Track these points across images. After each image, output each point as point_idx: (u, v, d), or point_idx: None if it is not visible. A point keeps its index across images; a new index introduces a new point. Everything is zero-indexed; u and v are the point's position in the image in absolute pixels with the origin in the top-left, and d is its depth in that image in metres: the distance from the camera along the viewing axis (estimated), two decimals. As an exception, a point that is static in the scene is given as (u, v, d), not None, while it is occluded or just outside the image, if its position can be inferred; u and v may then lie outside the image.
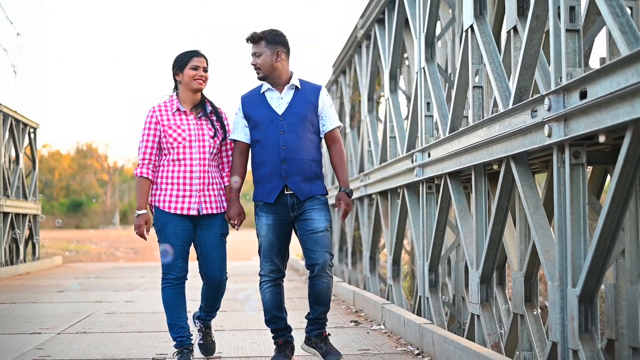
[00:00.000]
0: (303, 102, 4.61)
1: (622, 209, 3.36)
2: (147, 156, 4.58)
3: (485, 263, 5.07)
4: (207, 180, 4.58)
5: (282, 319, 4.65)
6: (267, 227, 4.57)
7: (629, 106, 3.10)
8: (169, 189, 4.54)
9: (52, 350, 5.26)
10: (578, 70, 3.74)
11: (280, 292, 4.65)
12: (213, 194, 4.61)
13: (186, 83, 4.62)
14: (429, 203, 6.52)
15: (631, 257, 3.82)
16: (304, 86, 4.68)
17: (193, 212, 4.53)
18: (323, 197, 4.62)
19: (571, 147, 3.72)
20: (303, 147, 4.53)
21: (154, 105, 4.66)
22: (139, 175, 4.57)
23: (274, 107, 4.59)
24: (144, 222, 4.51)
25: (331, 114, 4.68)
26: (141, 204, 4.54)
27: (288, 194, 4.53)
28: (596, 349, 3.61)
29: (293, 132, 4.53)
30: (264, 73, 4.61)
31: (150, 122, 4.60)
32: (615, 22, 3.36)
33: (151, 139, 4.58)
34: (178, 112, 4.63)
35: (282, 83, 4.64)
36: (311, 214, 4.53)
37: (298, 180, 4.51)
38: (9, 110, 13.81)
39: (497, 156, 4.69)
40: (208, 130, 4.64)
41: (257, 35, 4.60)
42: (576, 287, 3.65)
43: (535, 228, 4.23)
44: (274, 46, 4.59)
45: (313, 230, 4.51)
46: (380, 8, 8.40)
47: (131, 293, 9.71)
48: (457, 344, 4.30)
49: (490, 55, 5.03)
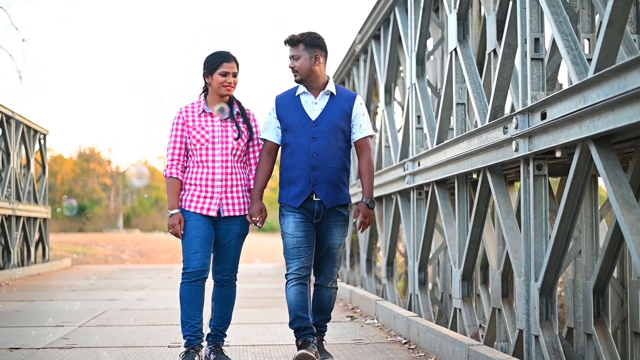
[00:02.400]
0: (337, 109, 4.58)
1: (574, 214, 3.94)
2: (176, 157, 4.61)
3: (467, 262, 5.65)
4: (229, 182, 4.58)
5: (305, 319, 4.58)
6: (294, 224, 4.55)
7: (577, 127, 3.69)
8: (192, 189, 4.57)
9: (77, 340, 5.83)
10: (541, 94, 4.33)
11: (306, 292, 4.59)
12: (237, 196, 4.61)
13: (215, 88, 4.62)
14: (419, 208, 7.11)
15: (586, 256, 4.40)
16: (339, 93, 4.64)
17: (212, 213, 4.55)
18: (346, 212, 4.67)
19: (534, 160, 4.31)
20: (334, 155, 4.53)
21: (181, 107, 4.70)
22: (168, 176, 4.60)
23: (307, 112, 4.57)
24: (177, 221, 4.53)
25: (363, 123, 4.63)
26: (173, 204, 4.57)
27: (316, 201, 4.54)
28: (554, 335, 4.19)
29: (324, 139, 4.52)
30: (301, 76, 4.57)
31: (177, 123, 4.63)
32: (569, 54, 3.95)
33: (178, 139, 4.61)
34: (204, 114, 4.63)
35: (318, 87, 4.61)
36: (332, 229, 4.59)
37: (326, 188, 4.52)
38: (21, 117, 14.39)
39: (475, 167, 5.27)
40: (232, 132, 4.61)
41: (296, 38, 4.57)
42: (538, 281, 4.23)
43: (507, 231, 4.82)
44: (313, 49, 4.56)
45: (330, 246, 4.62)
46: (377, 25, 8.99)
47: (141, 292, 10.29)
48: (438, 333, 4.88)
49: (471, 76, 5.63)
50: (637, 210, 3.34)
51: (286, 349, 5.36)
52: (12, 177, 13.70)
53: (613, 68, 3.27)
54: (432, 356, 4.95)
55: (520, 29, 4.48)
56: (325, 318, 4.80)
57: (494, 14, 5.49)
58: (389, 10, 8.22)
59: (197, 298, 4.57)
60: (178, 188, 4.59)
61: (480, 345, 4.26)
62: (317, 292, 4.74)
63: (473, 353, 4.18)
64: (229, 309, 4.72)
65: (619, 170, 3.50)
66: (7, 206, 13.20)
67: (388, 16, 8.45)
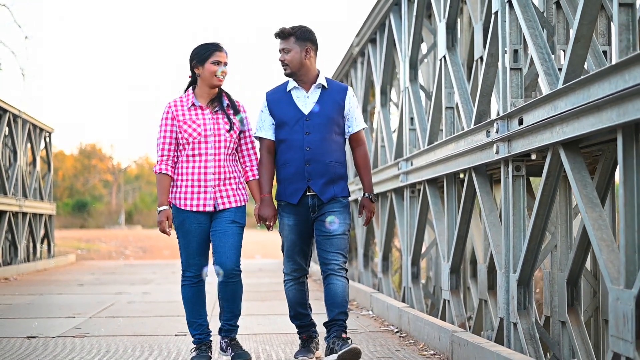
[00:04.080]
0: (329, 102, 4.56)
1: (548, 212, 4.32)
2: (166, 152, 4.54)
3: (454, 256, 6.03)
4: (222, 175, 4.53)
5: (306, 315, 4.69)
6: (289, 227, 4.60)
7: (549, 133, 4.07)
8: (184, 185, 4.51)
9: (89, 329, 6.22)
10: (520, 101, 4.70)
11: (304, 290, 4.69)
12: (231, 188, 4.56)
13: (205, 78, 4.54)
14: (412, 205, 7.48)
15: (561, 250, 4.78)
16: (330, 85, 4.62)
17: (209, 208, 4.52)
18: (344, 200, 4.62)
19: (513, 162, 4.68)
20: (327, 149, 4.51)
21: (169, 101, 4.62)
22: (158, 172, 4.54)
23: (300, 107, 4.55)
24: (165, 218, 4.49)
25: (357, 115, 4.64)
26: (162, 201, 4.51)
27: (310, 195, 4.54)
28: (531, 322, 4.57)
29: (318, 132, 4.50)
30: (291, 69, 4.55)
31: (166, 118, 4.56)
32: (542, 66, 4.32)
33: (168, 135, 4.55)
34: (194, 107, 4.56)
35: (309, 81, 4.59)
36: (330, 216, 4.55)
37: (321, 182, 4.52)
38: (27, 116, 14.77)
39: (462, 167, 5.64)
40: (224, 124, 4.55)
41: (287, 31, 4.55)
42: (516, 273, 4.60)
43: (489, 227, 5.20)
44: (304, 42, 4.55)
45: (330, 232, 4.54)
46: (373, 29, 9.34)
47: (147, 286, 10.68)
48: (426, 321, 5.26)
49: (459, 82, 6.00)
50: (600, 208, 3.71)
51: (285, 337, 5.74)
52: (19, 174, 14.08)
53: (578, 80, 3.64)
54: (420, 343, 5.33)
55: (501, 40, 4.85)
56: (342, 312, 4.53)
57: (480, 23, 5.86)
58: (385, 15, 8.59)
59: (200, 298, 4.60)
60: (168, 184, 4.53)
61: (462, 332, 4.64)
62: (328, 286, 4.55)
63: (456, 339, 4.56)
64: (237, 303, 4.61)
65: (584, 172, 3.87)
66: (15, 203, 13.59)
67: (383, 21, 8.81)
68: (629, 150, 3.31)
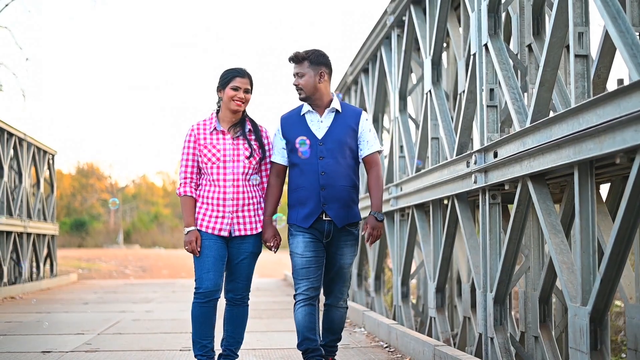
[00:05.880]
0: (343, 126, 4.54)
1: (520, 236, 4.79)
2: (188, 175, 4.63)
3: (440, 276, 6.48)
4: (241, 201, 4.57)
5: (313, 340, 4.55)
6: (304, 244, 4.52)
7: (519, 166, 4.54)
8: (203, 207, 4.59)
9: (99, 345, 6.65)
10: (495, 136, 5.17)
11: (314, 313, 4.56)
12: (248, 215, 4.60)
13: (225, 102, 4.61)
14: (402, 228, 7.95)
15: (534, 270, 5.24)
16: (344, 109, 4.61)
17: (224, 233, 4.56)
18: (356, 231, 4.64)
19: (490, 191, 5.16)
20: (342, 173, 4.49)
21: (192, 124, 4.69)
22: (182, 194, 4.62)
23: (313, 131, 4.54)
24: (194, 238, 4.54)
25: (370, 139, 4.59)
26: (189, 222, 4.58)
27: (326, 221, 4.51)
28: (506, 337, 5.02)
29: (332, 157, 4.48)
30: (306, 94, 4.54)
31: (188, 140, 4.63)
32: (514, 105, 4.81)
33: (190, 157, 4.62)
34: (215, 132, 4.62)
35: (323, 105, 4.58)
36: (342, 249, 4.58)
37: (337, 207, 4.49)
38: (32, 139, 15.25)
39: (446, 194, 6.11)
40: (244, 150, 4.59)
41: (301, 55, 4.54)
42: (492, 292, 5.06)
43: (470, 249, 5.66)
44: (318, 67, 4.53)
45: (340, 266, 4.60)
46: (366, 60, 9.85)
47: (149, 305, 11.10)
48: (412, 337, 5.71)
49: (443, 115, 6.49)
50: (562, 234, 4.19)
51: (282, 352, 6.17)
52: (24, 196, 14.53)
53: (543, 121, 4.12)
54: (407, 357, 5.78)
55: (479, 79, 5.34)
56: (336, 338, 4.77)
57: (463, 59, 6.36)
58: (377, 48, 9.09)
59: (209, 318, 4.60)
60: (192, 205, 4.60)
61: (444, 346, 5.09)
62: (328, 312, 4.70)
63: (438, 352, 5.00)
64: (241, 329, 4.70)
65: (549, 201, 4.35)
66: (20, 224, 14.04)
67: (375, 53, 9.31)
68: (584, 184, 3.79)
